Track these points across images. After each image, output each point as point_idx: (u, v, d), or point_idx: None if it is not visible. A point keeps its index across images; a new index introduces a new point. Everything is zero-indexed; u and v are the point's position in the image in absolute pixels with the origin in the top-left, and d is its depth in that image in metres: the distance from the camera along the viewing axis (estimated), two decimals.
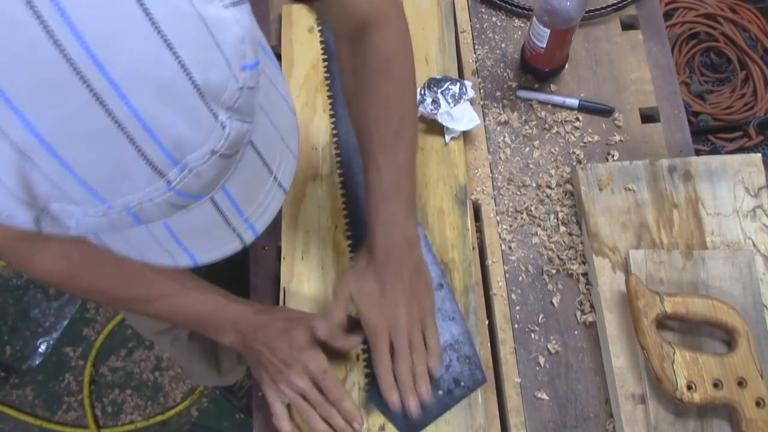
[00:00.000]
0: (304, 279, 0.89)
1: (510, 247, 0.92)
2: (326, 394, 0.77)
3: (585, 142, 0.98)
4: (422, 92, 0.94)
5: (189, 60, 0.40)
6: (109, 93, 0.38)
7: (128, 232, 0.47)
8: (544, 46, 0.94)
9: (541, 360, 0.87)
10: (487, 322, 0.89)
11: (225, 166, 0.45)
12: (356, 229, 0.90)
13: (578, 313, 0.89)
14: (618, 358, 0.83)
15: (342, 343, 0.79)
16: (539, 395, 0.85)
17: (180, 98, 0.40)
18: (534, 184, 0.96)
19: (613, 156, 0.97)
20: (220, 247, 0.53)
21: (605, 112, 0.99)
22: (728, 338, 0.81)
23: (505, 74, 1.03)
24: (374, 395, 0.82)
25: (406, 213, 0.80)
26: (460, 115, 0.93)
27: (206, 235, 0.51)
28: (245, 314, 0.79)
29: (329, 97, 0.98)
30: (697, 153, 0.98)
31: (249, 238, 0.53)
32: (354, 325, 0.80)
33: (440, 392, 0.82)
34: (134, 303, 0.78)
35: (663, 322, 0.82)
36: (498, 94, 1.02)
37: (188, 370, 1.59)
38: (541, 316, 0.89)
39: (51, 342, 1.76)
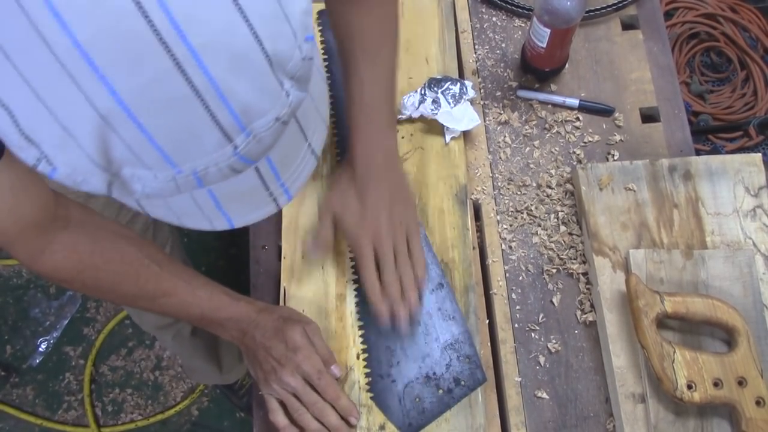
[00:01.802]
0: (304, 279, 0.89)
1: (510, 247, 0.92)
2: (322, 393, 0.78)
3: (585, 142, 0.98)
4: (422, 92, 0.95)
5: (262, 31, 0.42)
6: (189, 61, 0.40)
7: (172, 198, 0.50)
8: (545, 45, 0.94)
9: (542, 359, 0.87)
10: (487, 321, 0.89)
11: (280, 133, 0.47)
12: None
13: (578, 313, 0.89)
14: (618, 357, 0.83)
15: (324, 359, 0.80)
16: (539, 394, 0.85)
17: (252, 67, 0.43)
18: (534, 184, 0.96)
19: (613, 156, 0.97)
20: (256, 211, 0.55)
21: (605, 111, 1.00)
22: (728, 338, 0.81)
23: (505, 74, 1.03)
24: (378, 395, 0.82)
25: (387, 126, 0.82)
26: (461, 115, 0.93)
27: (245, 199, 0.53)
28: (248, 312, 0.80)
29: (330, 97, 0.98)
30: (698, 153, 0.98)
31: (283, 202, 0.56)
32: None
33: (440, 392, 0.82)
34: (140, 300, 0.79)
35: (663, 322, 0.82)
36: (498, 93, 1.02)
37: (189, 367, 1.59)
38: (541, 316, 0.89)
39: (51, 341, 1.76)
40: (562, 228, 0.93)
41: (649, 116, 1.00)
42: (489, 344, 0.88)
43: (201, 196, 0.51)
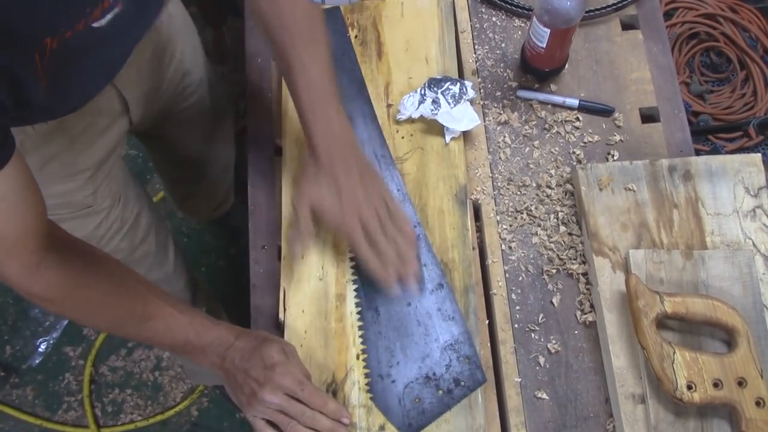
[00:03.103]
0: (304, 279, 0.89)
1: (510, 247, 0.92)
2: (307, 403, 0.77)
3: (585, 142, 0.98)
4: (422, 92, 0.95)
5: None
6: None
7: None
8: (545, 46, 0.94)
9: (541, 360, 0.87)
10: (487, 321, 0.89)
11: None
12: None
13: (578, 313, 0.89)
14: (618, 357, 0.83)
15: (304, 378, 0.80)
16: (539, 395, 0.85)
17: None
18: (534, 184, 0.96)
19: (613, 156, 0.97)
20: None
21: (605, 112, 0.99)
22: (728, 338, 0.81)
23: (505, 74, 1.03)
24: (378, 396, 0.82)
25: (337, 106, 0.83)
26: (461, 115, 0.93)
27: None
28: (227, 336, 0.80)
29: None
30: (697, 153, 0.98)
31: None
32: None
33: (440, 392, 0.82)
34: (127, 323, 0.79)
35: (663, 322, 0.82)
36: (498, 94, 1.02)
37: (189, 369, 1.59)
38: (541, 316, 0.89)
39: (51, 341, 1.76)
40: (562, 228, 0.93)
41: (649, 116, 1.00)
42: (489, 345, 0.88)
43: None
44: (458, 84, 0.94)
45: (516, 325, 0.88)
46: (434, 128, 0.96)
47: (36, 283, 0.70)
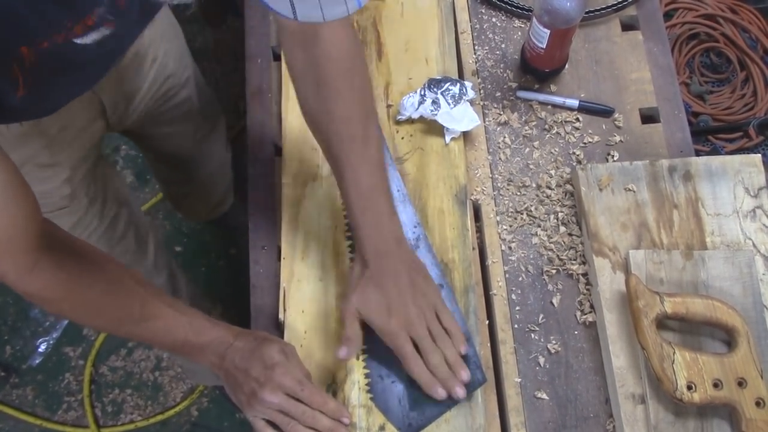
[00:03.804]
0: (304, 279, 0.89)
1: (510, 248, 0.92)
2: (308, 403, 0.77)
3: (585, 143, 0.98)
4: (422, 93, 0.95)
5: None
6: None
7: None
8: (544, 46, 0.94)
9: (541, 360, 0.87)
10: (487, 322, 0.89)
11: None
12: None
13: (578, 313, 0.89)
14: (618, 358, 0.83)
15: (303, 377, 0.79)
16: (539, 395, 0.85)
17: None
18: (534, 185, 0.96)
19: (613, 156, 0.97)
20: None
21: (605, 112, 0.99)
22: (728, 338, 0.81)
23: (505, 75, 1.03)
24: (378, 396, 0.82)
25: (389, 211, 0.81)
26: (461, 115, 0.93)
27: None
28: (226, 336, 0.80)
29: None
30: (697, 153, 0.98)
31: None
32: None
33: None
34: (125, 323, 0.78)
35: (663, 322, 0.82)
36: (498, 94, 1.02)
37: (189, 368, 1.59)
38: (541, 316, 0.89)
39: (51, 342, 1.75)
40: (562, 229, 0.93)
41: (648, 117, 1.00)
42: (489, 345, 0.88)
43: None
44: (458, 84, 0.94)
45: (516, 326, 0.88)
46: (434, 129, 0.96)
47: (32, 283, 0.70)
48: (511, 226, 0.94)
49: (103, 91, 0.92)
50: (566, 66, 1.02)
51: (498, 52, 1.04)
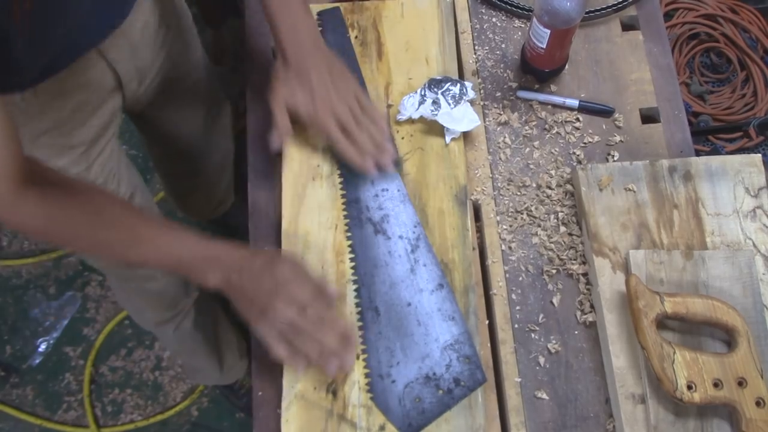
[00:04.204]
0: None
1: (510, 248, 0.92)
2: (321, 315, 0.78)
3: (585, 143, 0.98)
4: (422, 93, 0.95)
5: None
6: None
7: None
8: (545, 46, 0.94)
9: (541, 360, 0.87)
10: (487, 322, 0.89)
11: None
12: (356, 228, 0.90)
13: (578, 313, 0.89)
14: (618, 358, 0.83)
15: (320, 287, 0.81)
16: (539, 395, 0.85)
17: None
18: (534, 185, 0.96)
19: (613, 156, 0.97)
20: None
21: (605, 112, 1.00)
22: (728, 338, 0.81)
23: (505, 75, 1.03)
24: (378, 396, 0.82)
25: (304, 8, 0.88)
26: (461, 115, 0.93)
27: None
28: (227, 252, 0.80)
29: None
30: (698, 153, 0.98)
31: None
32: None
33: (440, 392, 0.82)
34: (117, 248, 0.79)
35: (663, 322, 0.82)
36: (498, 94, 1.02)
37: (190, 366, 1.59)
38: (541, 316, 0.89)
39: (51, 342, 1.76)
40: (562, 228, 0.93)
41: (649, 117, 1.00)
42: (489, 345, 0.88)
43: None
44: (458, 85, 0.94)
45: (516, 325, 0.89)
46: (434, 129, 0.96)
47: (16, 212, 0.72)
48: (511, 226, 0.94)
49: (117, 62, 0.94)
50: (566, 66, 1.02)
51: (498, 52, 1.04)
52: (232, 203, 1.61)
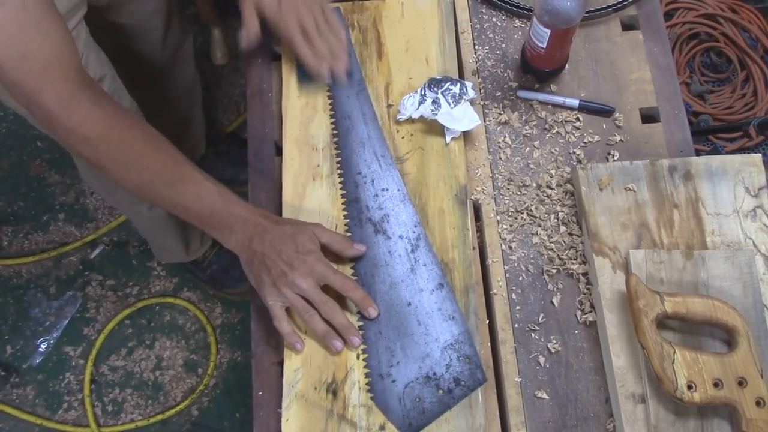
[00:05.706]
0: None
1: (510, 247, 0.92)
2: (339, 288, 0.80)
3: (585, 142, 0.98)
4: (422, 92, 0.95)
5: None
6: None
7: None
8: (545, 46, 0.94)
9: (542, 359, 0.87)
10: (487, 321, 0.89)
11: None
12: (356, 228, 0.90)
13: (578, 313, 0.89)
14: (618, 357, 0.83)
15: (343, 246, 0.84)
16: (539, 395, 0.85)
17: None
18: (534, 184, 0.96)
19: (613, 156, 0.97)
20: None
21: (605, 112, 1.00)
22: (728, 338, 0.81)
23: (505, 74, 1.03)
24: (378, 395, 0.82)
25: None
26: (461, 115, 0.93)
27: None
28: (253, 214, 0.81)
29: (329, 97, 0.98)
30: (698, 153, 0.98)
31: None
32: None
33: (440, 392, 0.82)
34: (159, 180, 0.79)
35: (663, 322, 0.82)
36: (498, 94, 1.02)
37: (158, 246, 1.61)
38: (541, 316, 0.89)
39: (51, 341, 1.76)
40: (562, 228, 0.93)
41: (649, 116, 1.00)
42: (489, 344, 0.88)
43: None
44: (458, 84, 0.94)
45: (516, 325, 0.89)
46: (434, 128, 0.96)
47: (72, 114, 0.71)
48: (511, 225, 0.94)
49: None
50: (566, 66, 1.02)
51: (498, 52, 1.04)
52: (202, 155, 1.65)
